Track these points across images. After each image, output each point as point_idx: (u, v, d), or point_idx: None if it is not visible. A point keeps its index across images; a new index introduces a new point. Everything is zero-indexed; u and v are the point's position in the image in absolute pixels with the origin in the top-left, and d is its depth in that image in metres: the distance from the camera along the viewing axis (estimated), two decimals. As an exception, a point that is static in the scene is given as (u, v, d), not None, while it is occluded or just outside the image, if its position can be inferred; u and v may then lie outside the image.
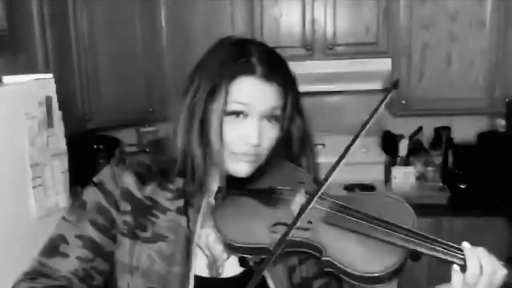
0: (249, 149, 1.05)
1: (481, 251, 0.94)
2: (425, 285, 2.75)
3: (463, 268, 0.92)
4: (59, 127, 2.20)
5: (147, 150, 1.17)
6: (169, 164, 1.09)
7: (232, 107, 1.03)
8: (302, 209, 0.98)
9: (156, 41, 3.15)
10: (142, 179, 1.10)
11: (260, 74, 1.03)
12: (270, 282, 1.08)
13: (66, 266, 1.04)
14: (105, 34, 2.86)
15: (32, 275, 1.05)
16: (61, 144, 2.21)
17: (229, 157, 1.06)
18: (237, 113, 1.03)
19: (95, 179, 1.12)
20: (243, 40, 1.10)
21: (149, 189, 1.10)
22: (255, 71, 1.03)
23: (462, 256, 0.93)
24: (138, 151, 1.16)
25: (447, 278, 0.96)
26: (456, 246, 0.95)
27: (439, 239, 0.96)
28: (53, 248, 1.06)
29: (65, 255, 1.05)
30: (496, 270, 0.92)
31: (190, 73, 1.11)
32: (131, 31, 3.04)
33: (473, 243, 0.95)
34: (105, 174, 1.11)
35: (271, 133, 1.08)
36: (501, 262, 0.94)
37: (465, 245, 0.95)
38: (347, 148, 1.05)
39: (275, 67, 1.05)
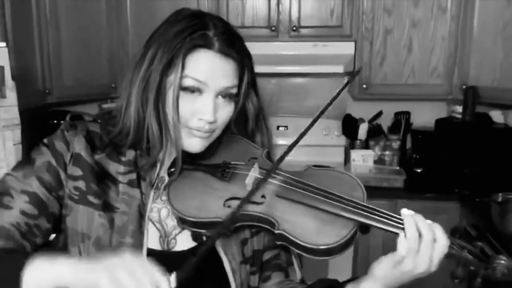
0: (203, 125, 1.05)
1: (419, 217, 0.97)
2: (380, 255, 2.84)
3: (405, 235, 0.95)
4: (12, 98, 2.13)
5: (98, 120, 1.14)
6: (120, 136, 1.08)
7: (188, 82, 1.02)
8: (258, 184, 1.00)
9: (121, 17, 3.10)
10: (93, 147, 1.09)
11: (218, 49, 1.03)
12: (222, 255, 1.10)
13: (8, 218, 1.00)
14: (69, 8, 2.80)
15: None
16: (14, 115, 2.15)
17: (183, 132, 1.06)
18: (192, 90, 1.03)
19: (45, 140, 1.09)
20: (201, 13, 1.09)
21: (100, 158, 1.08)
22: (212, 45, 1.02)
23: (403, 226, 0.96)
24: (89, 120, 1.13)
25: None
26: (399, 216, 0.98)
27: (386, 212, 0.99)
28: None
29: (8, 207, 1.01)
30: (438, 237, 0.95)
31: (145, 43, 1.10)
32: (96, 5, 2.99)
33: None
34: (56, 137, 1.09)
35: (226, 110, 1.09)
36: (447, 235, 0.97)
37: (404, 211, 0.98)
38: (304, 132, 1.07)
39: (232, 42, 1.05)
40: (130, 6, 3.10)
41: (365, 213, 0.98)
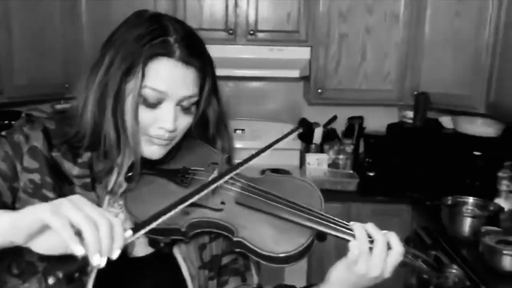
0: (163, 133, 1.04)
1: (370, 225, 0.98)
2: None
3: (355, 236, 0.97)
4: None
5: (52, 117, 1.11)
6: (76, 138, 1.05)
7: (148, 92, 1.00)
8: (208, 184, 0.98)
9: (75, 16, 3.04)
10: (50, 144, 1.06)
11: (179, 57, 1.00)
12: (180, 261, 1.09)
13: None
14: (21, 7, 2.72)
15: None
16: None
17: (142, 139, 1.05)
18: (152, 100, 1.01)
19: (3, 132, 1.06)
20: (160, 16, 1.06)
21: (56, 156, 1.06)
22: (173, 53, 1.00)
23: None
24: (45, 117, 1.10)
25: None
26: (348, 224, 1.00)
27: (342, 221, 1.00)
28: None
29: None
30: (393, 245, 0.96)
31: (102, 45, 1.07)
32: (50, 5, 2.91)
33: (379, 227, 1.00)
34: (14, 130, 1.06)
35: (186, 118, 1.07)
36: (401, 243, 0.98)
37: (354, 223, 0.99)
38: (252, 156, 1.06)
39: (194, 49, 1.03)
40: (85, 4, 3.05)
41: (322, 221, 0.99)
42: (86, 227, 0.74)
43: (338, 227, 0.98)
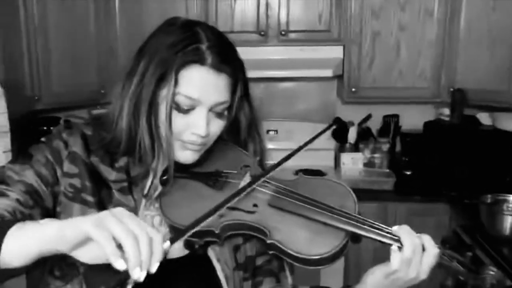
0: (196, 139, 1.05)
1: (408, 228, 0.99)
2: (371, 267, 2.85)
3: (400, 248, 0.97)
4: (1, 106, 2.12)
5: (90, 123, 1.14)
6: (113, 144, 1.08)
7: (181, 99, 1.02)
8: (242, 189, 1.00)
9: (110, 24, 3.09)
10: (88, 149, 1.09)
11: (211, 64, 1.01)
12: (215, 262, 1.10)
13: (3, 204, 0.98)
14: (57, 14, 2.79)
15: None
16: (4, 122, 2.14)
17: (176, 144, 1.07)
18: (185, 106, 1.03)
19: (43, 138, 1.10)
20: (192, 23, 1.08)
21: (95, 161, 1.08)
22: (205, 60, 1.01)
23: (397, 237, 0.98)
24: (83, 123, 1.13)
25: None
26: (388, 227, 1.00)
27: (377, 223, 1.00)
28: None
29: (4, 195, 0.99)
30: (428, 247, 0.97)
31: (136, 53, 1.09)
32: (85, 12, 2.98)
33: (416, 227, 0.99)
34: (54, 135, 1.09)
35: (218, 123, 1.09)
36: (437, 245, 0.99)
37: (395, 228, 1.00)
38: (288, 157, 1.07)
39: (225, 56, 1.04)
40: (119, 11, 3.09)
41: (356, 223, 0.99)
42: (127, 241, 0.75)
43: (372, 229, 0.98)
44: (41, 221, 0.85)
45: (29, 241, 0.82)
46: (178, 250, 1.09)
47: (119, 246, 0.76)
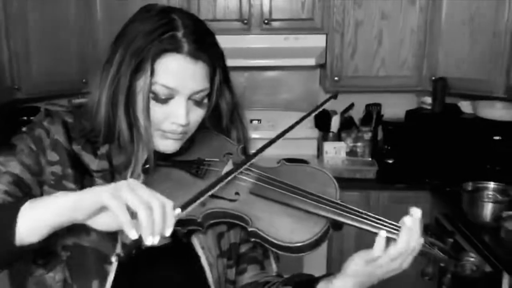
0: (176, 128, 1.05)
1: (412, 228, 0.96)
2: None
3: (390, 239, 0.96)
4: (-19, 96, 2.10)
5: (71, 111, 1.14)
6: (93, 133, 1.07)
7: (158, 89, 1.01)
8: (224, 176, 0.99)
9: (90, 12, 3.05)
10: (69, 136, 1.08)
11: (187, 52, 1.00)
12: (199, 249, 1.10)
13: None
14: (37, 3, 2.75)
15: None
16: (-15, 113, 2.12)
17: (156, 134, 1.06)
18: (163, 96, 1.02)
19: (24, 128, 1.09)
20: (168, 10, 1.06)
21: (76, 148, 1.08)
22: (181, 48, 1.00)
23: (379, 226, 0.97)
24: (64, 111, 1.13)
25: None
26: (370, 213, 0.99)
27: (357, 208, 1.00)
28: None
29: None
30: (420, 240, 0.96)
31: (113, 41, 1.07)
32: (65, 1, 2.94)
33: (399, 215, 0.99)
34: (35, 125, 1.08)
35: (198, 111, 1.08)
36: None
37: (407, 220, 0.96)
38: (276, 138, 1.08)
39: (202, 43, 1.02)
40: (99, 0, 3.06)
41: (337, 210, 0.99)
42: (141, 211, 0.80)
43: (354, 217, 0.98)
44: (53, 194, 0.89)
45: (44, 214, 0.87)
46: (162, 238, 1.09)
47: (134, 215, 0.80)
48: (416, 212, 0.97)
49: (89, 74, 3.02)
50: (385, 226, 0.98)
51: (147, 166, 1.09)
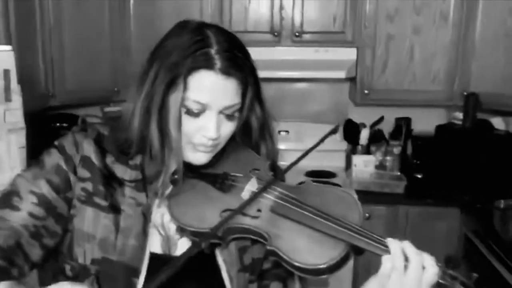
0: (207, 141, 1.06)
1: (406, 244, 0.96)
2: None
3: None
4: (17, 102, 2.14)
5: (107, 123, 1.17)
6: (126, 144, 1.10)
7: (190, 104, 1.03)
8: (249, 200, 1.01)
9: (124, 22, 3.11)
10: (102, 150, 1.11)
11: (219, 68, 1.01)
12: (220, 262, 1.11)
13: (16, 218, 1.01)
14: (72, 11, 2.81)
15: None
16: (19, 119, 2.15)
17: (187, 147, 1.08)
18: (195, 111, 1.04)
19: (56, 142, 1.11)
20: (203, 26, 1.08)
21: (109, 161, 1.10)
22: (214, 65, 1.01)
23: (387, 249, 0.95)
24: (99, 123, 1.17)
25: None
26: (383, 240, 0.97)
27: (377, 236, 0.98)
28: (6, 200, 1.04)
29: (16, 208, 1.02)
30: (427, 266, 0.94)
31: (148, 57, 1.10)
32: (99, 10, 3.00)
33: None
34: (66, 139, 1.11)
35: (229, 126, 1.09)
36: (438, 264, 0.95)
37: (389, 239, 0.97)
38: (296, 161, 1.07)
39: (235, 61, 1.04)
40: (133, 9, 3.11)
41: (357, 235, 0.97)
42: None
43: (372, 242, 0.97)
44: None
45: None
46: (186, 247, 1.10)
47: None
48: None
49: (122, 83, 3.08)
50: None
51: (176, 176, 1.11)
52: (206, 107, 1.04)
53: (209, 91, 1.02)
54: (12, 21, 2.34)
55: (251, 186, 1.10)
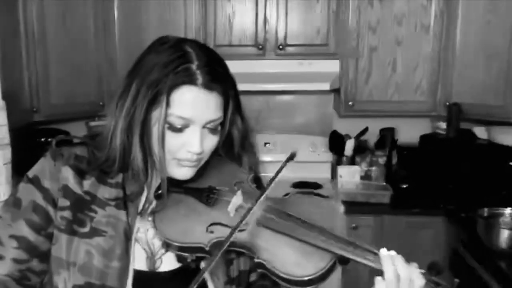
0: (191, 156, 1.06)
1: (397, 259, 0.97)
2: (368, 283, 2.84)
3: (381, 274, 0.96)
4: (1, 117, 2.11)
5: (84, 142, 1.16)
6: (107, 163, 1.09)
7: (173, 120, 1.03)
8: (245, 215, 1.01)
9: (109, 35, 3.11)
10: (81, 174, 1.09)
11: (201, 83, 1.02)
12: (207, 275, 1.10)
13: (1, 268, 1.04)
14: (56, 26, 2.81)
15: None
16: (4, 135, 2.13)
17: (172, 162, 1.08)
18: (178, 126, 1.04)
19: (30, 174, 1.10)
20: (182, 42, 1.08)
21: (88, 184, 1.09)
22: (196, 80, 1.01)
23: (379, 264, 0.96)
24: (76, 142, 1.15)
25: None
26: (377, 252, 0.98)
27: (364, 245, 0.99)
28: None
29: (0, 257, 1.04)
30: (414, 278, 0.95)
31: (128, 72, 1.09)
32: (83, 24, 3.00)
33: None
34: (41, 169, 1.09)
35: (212, 139, 1.10)
36: (422, 270, 0.97)
37: (382, 251, 0.98)
38: (271, 180, 1.07)
39: (216, 75, 1.04)
40: (117, 23, 3.11)
41: (344, 245, 0.98)
42: None
43: (360, 252, 0.98)
44: None
45: None
46: (171, 263, 1.11)
47: None
48: (383, 251, 0.98)
49: (107, 97, 3.07)
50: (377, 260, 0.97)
51: (160, 192, 1.11)
52: (189, 122, 1.04)
53: (192, 106, 1.03)
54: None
55: (237, 199, 1.10)
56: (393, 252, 0.98)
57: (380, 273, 0.96)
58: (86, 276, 1.04)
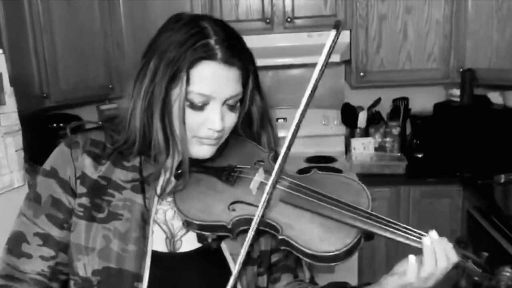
0: (212, 134, 1.05)
1: (443, 244, 0.96)
2: (384, 263, 2.86)
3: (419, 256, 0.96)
4: (11, 105, 2.13)
5: (101, 126, 1.15)
6: (126, 145, 1.08)
7: (194, 97, 1.02)
8: (269, 193, 1.00)
9: (115, 18, 3.08)
10: (98, 160, 1.09)
11: (221, 58, 1.01)
12: (228, 256, 1.10)
13: (32, 267, 1.06)
14: (62, 11, 2.78)
15: (6, 280, 1.07)
16: (14, 121, 2.15)
17: (192, 141, 1.07)
18: (199, 103, 1.03)
19: (47, 166, 1.10)
20: (197, 18, 1.06)
21: (104, 168, 1.09)
22: (215, 55, 1.00)
23: (419, 240, 0.96)
24: (92, 128, 1.15)
25: (405, 257, 1.00)
26: (403, 225, 0.98)
27: (389, 219, 0.99)
28: (16, 246, 1.07)
29: (29, 256, 1.06)
30: (450, 256, 0.96)
31: (144, 52, 1.08)
32: (89, 7, 2.97)
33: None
34: (57, 160, 1.09)
35: (233, 116, 1.09)
36: (451, 243, 0.97)
37: (433, 235, 0.96)
38: (300, 119, 1.09)
39: (234, 49, 1.03)
40: (123, 6, 3.08)
41: (369, 221, 0.97)
42: None
43: (384, 227, 0.97)
44: None
45: None
46: (192, 243, 1.10)
47: None
48: (433, 234, 0.97)
49: (116, 80, 3.07)
50: (414, 236, 0.97)
51: (179, 171, 1.10)
52: (209, 98, 1.02)
53: (212, 81, 1.01)
54: (2, 24, 2.33)
55: (259, 177, 1.09)
56: (435, 235, 0.96)
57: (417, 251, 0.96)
58: (105, 260, 1.04)
